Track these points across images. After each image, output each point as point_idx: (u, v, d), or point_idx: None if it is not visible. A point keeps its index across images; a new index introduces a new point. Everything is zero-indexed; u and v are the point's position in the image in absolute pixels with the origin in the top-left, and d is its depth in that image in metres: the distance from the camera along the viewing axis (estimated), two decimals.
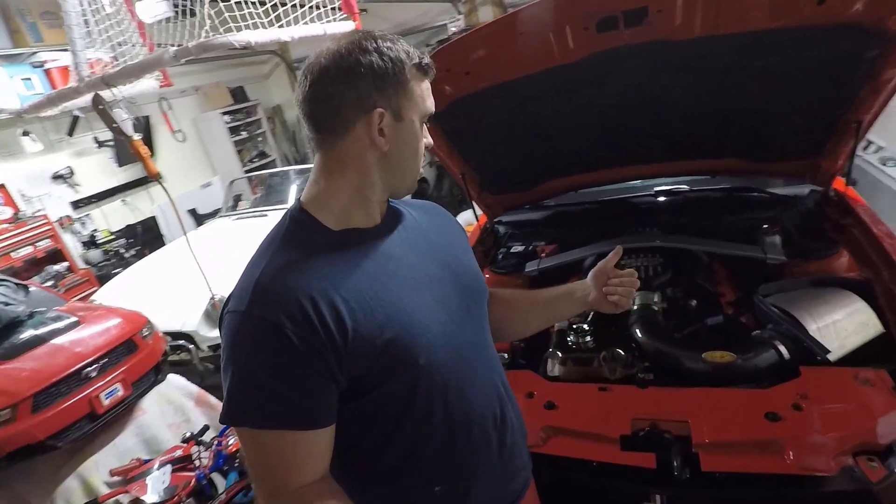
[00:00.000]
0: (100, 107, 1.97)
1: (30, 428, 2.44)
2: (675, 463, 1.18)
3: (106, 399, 2.74)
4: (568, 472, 1.31)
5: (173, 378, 3.27)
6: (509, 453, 1.01)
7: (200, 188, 7.20)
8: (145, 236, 6.10)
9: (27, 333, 2.82)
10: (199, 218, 6.68)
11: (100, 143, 5.87)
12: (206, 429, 2.55)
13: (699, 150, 2.06)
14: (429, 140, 0.90)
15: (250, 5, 1.96)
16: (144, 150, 2.18)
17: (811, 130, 1.83)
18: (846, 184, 1.95)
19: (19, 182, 5.18)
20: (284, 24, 2.03)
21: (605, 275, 1.09)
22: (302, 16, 2.14)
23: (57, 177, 5.50)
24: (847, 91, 1.63)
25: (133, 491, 2.21)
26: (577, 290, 1.13)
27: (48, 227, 5.10)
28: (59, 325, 2.92)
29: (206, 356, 3.55)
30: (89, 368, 2.72)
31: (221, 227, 5.12)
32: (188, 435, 2.49)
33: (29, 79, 4.75)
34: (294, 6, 2.08)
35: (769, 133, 1.90)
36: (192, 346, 3.54)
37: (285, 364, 0.75)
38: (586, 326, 1.68)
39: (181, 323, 3.55)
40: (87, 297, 4.74)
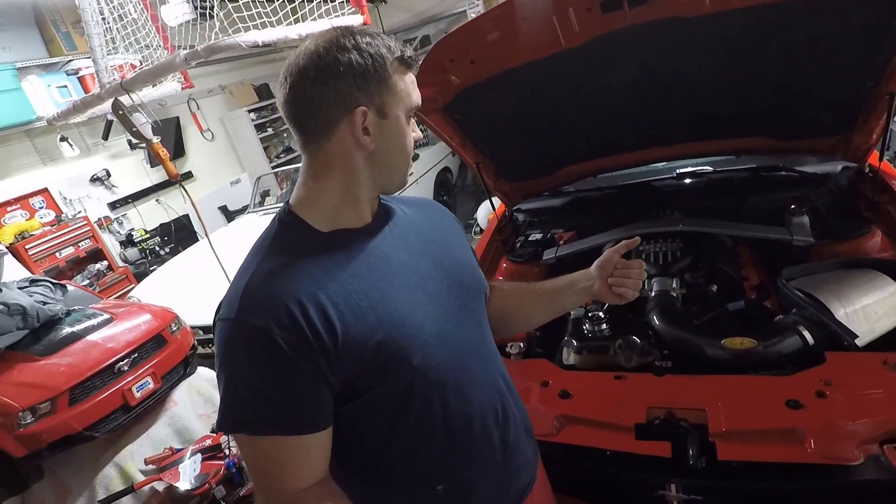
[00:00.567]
0: (119, 112, 2.02)
1: (67, 419, 2.58)
2: (690, 452, 1.14)
3: (137, 392, 2.86)
4: (582, 461, 1.29)
5: (203, 370, 3.37)
6: (512, 449, 0.99)
7: (230, 185, 7.38)
8: (179, 234, 6.28)
9: (64, 331, 2.96)
10: (230, 214, 6.86)
11: (132, 145, 6.06)
12: None
13: (720, 129, 1.99)
14: (417, 134, 0.88)
15: (258, 4, 1.98)
16: (164, 153, 2.24)
17: (840, 105, 1.73)
18: (879, 159, 1.85)
19: (60, 185, 5.40)
20: (293, 22, 2.03)
21: (612, 265, 1.06)
22: (310, 12, 2.14)
23: (95, 179, 5.70)
24: (877, 62, 1.54)
25: (166, 478, 2.31)
26: (581, 281, 1.10)
27: (88, 227, 5.31)
28: (94, 321, 3.05)
29: None
30: (121, 363, 2.85)
31: (249, 223, 5.23)
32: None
33: (65, 86, 4.92)
34: (303, 2, 2.08)
35: (794, 109, 1.81)
36: None
37: (276, 370, 0.75)
38: (602, 314, 1.64)
39: (210, 317, 3.64)
40: (125, 294, 4.92)
